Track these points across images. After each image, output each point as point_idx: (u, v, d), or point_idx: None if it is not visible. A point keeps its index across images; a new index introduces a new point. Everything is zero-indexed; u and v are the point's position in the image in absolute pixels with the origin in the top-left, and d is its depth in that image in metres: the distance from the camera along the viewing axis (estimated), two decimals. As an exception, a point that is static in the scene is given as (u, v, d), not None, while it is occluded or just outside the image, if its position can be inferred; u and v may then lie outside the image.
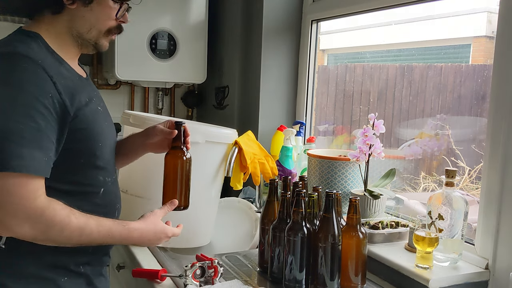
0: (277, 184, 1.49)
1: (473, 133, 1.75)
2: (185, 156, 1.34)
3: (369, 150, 1.59)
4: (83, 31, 1.18)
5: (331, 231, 1.27)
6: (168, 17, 2.45)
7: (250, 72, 2.34)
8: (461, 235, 1.35)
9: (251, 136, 1.83)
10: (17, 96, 1.03)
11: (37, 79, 1.05)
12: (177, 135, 1.34)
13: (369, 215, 1.61)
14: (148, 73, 2.47)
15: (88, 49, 1.23)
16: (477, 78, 1.79)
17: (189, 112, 2.93)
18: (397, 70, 2.07)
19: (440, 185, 1.41)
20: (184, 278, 1.31)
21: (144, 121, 1.58)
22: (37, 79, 1.05)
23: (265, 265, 1.44)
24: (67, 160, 1.14)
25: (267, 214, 1.47)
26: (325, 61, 2.44)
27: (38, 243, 1.10)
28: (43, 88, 1.05)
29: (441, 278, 1.28)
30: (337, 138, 2.33)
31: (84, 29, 1.18)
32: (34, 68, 1.05)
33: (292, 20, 2.28)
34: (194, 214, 1.65)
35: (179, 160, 1.34)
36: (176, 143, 1.34)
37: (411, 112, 2.01)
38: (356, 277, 1.31)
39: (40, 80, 1.05)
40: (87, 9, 1.16)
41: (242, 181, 1.79)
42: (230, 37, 2.53)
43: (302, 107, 2.29)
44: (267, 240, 1.43)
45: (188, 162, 1.35)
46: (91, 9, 1.16)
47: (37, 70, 1.05)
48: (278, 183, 1.50)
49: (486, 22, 1.79)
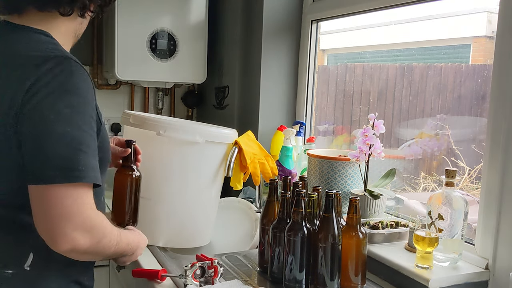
0: (277, 184, 1.49)
1: (473, 133, 1.75)
2: (134, 174, 1.35)
3: (369, 150, 1.59)
4: (79, 33, 1.19)
5: (331, 231, 1.27)
6: (168, 17, 2.45)
7: (250, 72, 2.34)
8: (461, 235, 1.35)
9: (251, 136, 1.83)
10: (80, 105, 1.01)
11: (88, 85, 1.04)
12: (127, 154, 1.35)
13: (369, 215, 1.61)
14: (148, 73, 2.47)
15: None
16: (477, 78, 1.79)
17: (189, 112, 2.93)
18: (397, 70, 2.07)
19: (440, 185, 1.41)
20: (184, 278, 1.31)
21: (144, 121, 1.58)
22: (88, 85, 1.04)
23: (265, 265, 1.44)
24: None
25: (267, 214, 1.47)
26: (325, 61, 2.44)
27: (83, 257, 1.07)
28: (92, 95, 1.04)
29: (441, 278, 1.28)
30: (337, 138, 2.33)
31: (81, 31, 1.20)
32: (85, 74, 1.04)
33: (292, 20, 2.28)
34: (194, 214, 1.65)
35: (128, 178, 1.34)
36: (126, 162, 1.35)
37: (411, 112, 2.01)
38: (356, 277, 1.31)
39: (89, 87, 1.04)
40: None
41: (242, 181, 1.79)
42: (230, 37, 2.53)
43: (302, 107, 2.29)
44: (267, 240, 1.43)
45: (137, 180, 1.36)
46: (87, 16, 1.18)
47: (87, 76, 1.04)
48: (278, 183, 1.50)
49: (486, 22, 1.79)
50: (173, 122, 1.62)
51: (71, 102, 0.99)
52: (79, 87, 1.01)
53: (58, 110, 0.97)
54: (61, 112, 0.98)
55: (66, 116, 0.98)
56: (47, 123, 0.97)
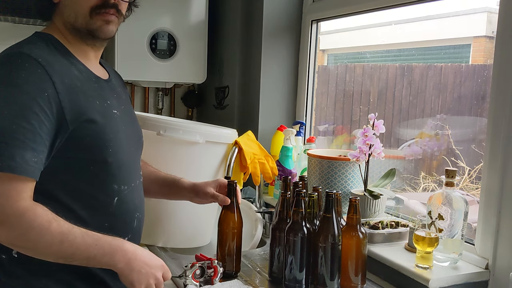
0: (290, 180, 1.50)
1: (473, 133, 1.75)
2: (236, 216, 1.41)
3: (369, 150, 1.59)
4: (72, 21, 1.14)
5: (331, 231, 1.27)
6: (168, 17, 2.45)
7: (250, 72, 2.34)
8: (461, 235, 1.35)
9: (251, 136, 1.83)
10: (13, 96, 1.01)
11: (36, 78, 1.02)
12: (229, 195, 1.41)
13: (369, 215, 1.61)
14: (148, 73, 2.47)
15: (89, 39, 1.17)
16: (477, 78, 1.79)
17: (189, 112, 2.93)
18: (397, 70, 2.07)
19: (440, 185, 1.41)
20: (184, 278, 1.31)
21: (144, 121, 1.58)
22: (35, 78, 1.02)
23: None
24: (73, 168, 1.10)
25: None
26: (325, 61, 2.44)
27: (16, 249, 1.06)
28: (40, 88, 1.02)
29: (441, 278, 1.28)
30: (337, 138, 2.33)
31: (72, 18, 1.14)
32: (34, 67, 1.03)
33: (292, 20, 2.28)
34: (194, 214, 1.65)
35: (231, 221, 1.40)
36: (229, 204, 1.41)
37: (411, 112, 2.01)
38: (356, 277, 1.31)
39: (38, 79, 1.02)
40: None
41: (242, 181, 1.79)
42: (230, 37, 2.53)
43: (302, 107, 2.29)
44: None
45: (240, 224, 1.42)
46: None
47: (36, 69, 1.03)
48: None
49: (486, 22, 1.79)
50: (173, 122, 1.62)
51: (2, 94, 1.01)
52: (15, 78, 1.01)
53: None
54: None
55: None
56: None
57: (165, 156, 1.60)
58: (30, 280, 1.11)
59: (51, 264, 1.09)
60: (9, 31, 2.37)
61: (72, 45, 1.17)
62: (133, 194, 1.24)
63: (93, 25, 1.14)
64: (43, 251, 1.04)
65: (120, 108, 1.23)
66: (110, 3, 1.14)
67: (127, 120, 1.26)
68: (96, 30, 1.15)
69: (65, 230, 1.04)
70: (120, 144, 1.17)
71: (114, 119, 1.18)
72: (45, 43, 1.12)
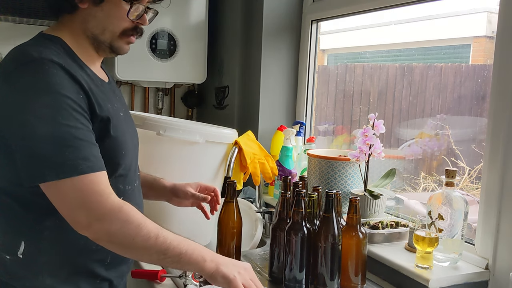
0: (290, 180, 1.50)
1: (473, 133, 1.75)
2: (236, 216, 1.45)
3: (369, 150, 1.59)
4: (97, 33, 1.15)
5: (331, 231, 1.27)
6: (168, 17, 2.45)
7: (250, 72, 2.34)
8: (461, 235, 1.35)
9: (251, 136, 1.83)
10: (59, 102, 1.01)
11: (67, 82, 1.04)
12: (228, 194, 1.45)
13: (369, 215, 1.61)
14: (148, 73, 2.47)
15: (105, 52, 1.19)
16: (477, 78, 1.79)
17: (189, 112, 2.93)
18: (397, 70, 2.07)
19: (440, 185, 1.41)
20: (184, 279, 1.31)
21: (144, 121, 1.58)
22: (68, 83, 1.04)
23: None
24: None
25: None
26: (325, 61, 2.44)
27: (113, 248, 1.06)
28: (75, 91, 1.04)
29: (441, 278, 1.28)
30: (337, 138, 2.33)
31: (98, 30, 1.15)
32: (62, 72, 1.04)
33: (292, 20, 2.28)
34: (194, 214, 1.65)
35: (230, 221, 1.45)
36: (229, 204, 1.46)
37: (411, 112, 2.01)
38: (356, 277, 1.31)
39: (69, 84, 1.04)
40: (98, 8, 1.12)
41: (242, 181, 1.79)
42: (230, 37, 2.53)
43: (302, 107, 2.29)
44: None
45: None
46: (102, 9, 1.12)
47: (64, 74, 1.04)
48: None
49: (486, 22, 1.79)
50: (173, 122, 1.62)
51: (40, 101, 1.01)
52: (49, 85, 1.02)
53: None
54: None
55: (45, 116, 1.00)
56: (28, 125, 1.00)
57: (165, 156, 1.60)
58: (33, 281, 1.11)
59: (54, 265, 1.10)
60: (9, 31, 2.37)
61: (81, 49, 1.16)
62: (135, 194, 1.26)
63: (117, 44, 1.18)
64: (140, 245, 1.04)
65: (122, 109, 1.24)
66: (139, 29, 1.19)
67: (129, 122, 1.28)
68: (118, 49, 1.19)
69: (158, 227, 1.07)
70: (128, 146, 1.20)
71: (121, 121, 1.20)
72: (56, 47, 1.11)
